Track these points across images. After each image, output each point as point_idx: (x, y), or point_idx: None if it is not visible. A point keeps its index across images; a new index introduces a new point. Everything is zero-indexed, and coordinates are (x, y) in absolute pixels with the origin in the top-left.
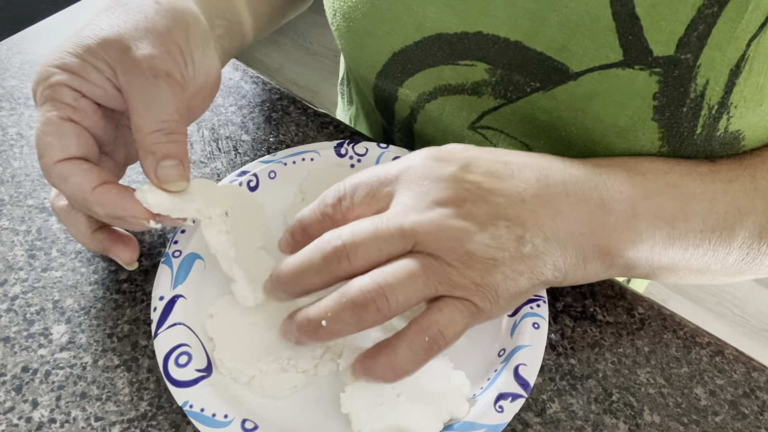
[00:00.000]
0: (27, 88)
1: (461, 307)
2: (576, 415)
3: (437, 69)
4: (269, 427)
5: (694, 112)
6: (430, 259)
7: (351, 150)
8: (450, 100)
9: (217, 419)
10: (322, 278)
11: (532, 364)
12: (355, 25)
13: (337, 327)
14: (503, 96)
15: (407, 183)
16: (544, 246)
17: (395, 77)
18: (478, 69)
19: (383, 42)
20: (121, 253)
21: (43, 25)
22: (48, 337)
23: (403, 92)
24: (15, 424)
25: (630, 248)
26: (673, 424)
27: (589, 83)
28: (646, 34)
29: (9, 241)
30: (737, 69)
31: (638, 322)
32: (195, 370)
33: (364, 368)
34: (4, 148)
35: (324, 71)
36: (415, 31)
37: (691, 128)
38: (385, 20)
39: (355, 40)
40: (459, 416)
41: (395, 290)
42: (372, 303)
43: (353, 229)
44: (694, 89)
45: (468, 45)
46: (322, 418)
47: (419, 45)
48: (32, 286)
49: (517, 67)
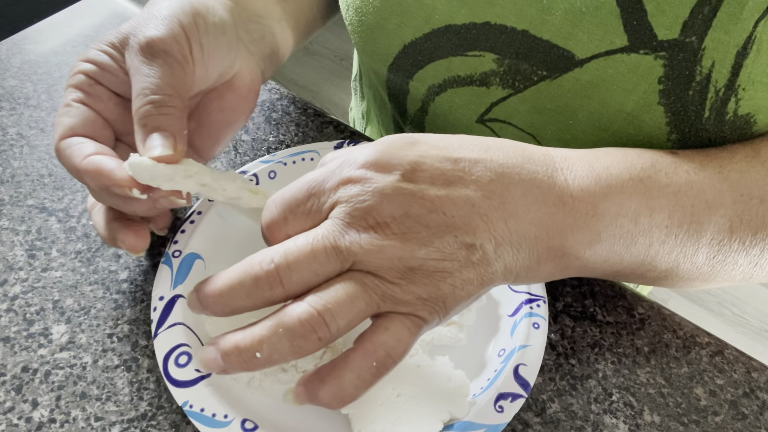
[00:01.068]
0: (27, 88)
1: (408, 323)
2: (576, 415)
3: (446, 60)
4: (269, 427)
5: (701, 95)
6: (371, 278)
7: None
8: (459, 92)
9: (217, 419)
10: (252, 302)
11: (532, 364)
12: (366, 18)
13: (274, 357)
14: (511, 86)
15: (346, 195)
16: (494, 252)
17: (406, 69)
18: (486, 59)
19: (394, 35)
20: (126, 238)
21: (43, 25)
22: (48, 337)
23: (414, 85)
24: (15, 424)
25: (587, 249)
26: (673, 424)
27: (595, 69)
28: (650, 18)
29: (9, 241)
30: (744, 50)
31: (638, 322)
32: (195, 370)
33: (308, 394)
34: (4, 148)
35: (324, 71)
36: (424, 23)
37: (699, 112)
38: (396, 13)
39: (367, 34)
40: (459, 416)
41: (336, 315)
42: (312, 333)
43: (286, 249)
44: (700, 72)
45: (476, 35)
46: (322, 418)
47: (429, 37)
48: (32, 286)
49: (524, 56)
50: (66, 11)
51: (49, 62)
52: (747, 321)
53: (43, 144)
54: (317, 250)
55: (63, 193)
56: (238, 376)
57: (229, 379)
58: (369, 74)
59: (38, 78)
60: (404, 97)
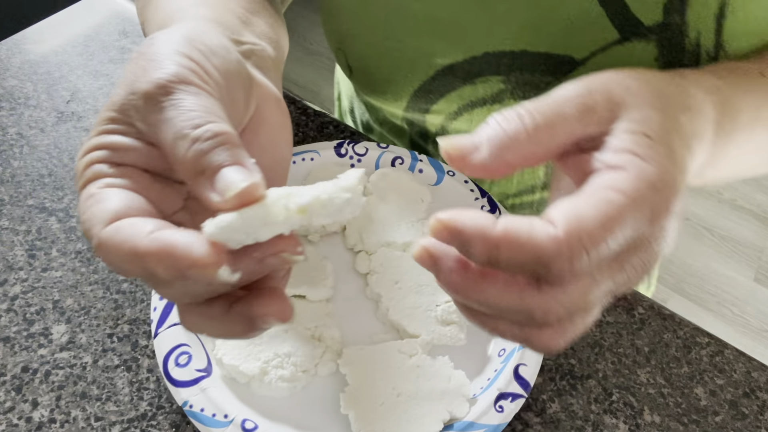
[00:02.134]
0: (27, 88)
1: None
2: (576, 415)
3: (457, 92)
4: (269, 427)
5: (695, 61)
6: None
7: (351, 150)
8: (476, 113)
9: (216, 419)
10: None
11: (532, 364)
12: (373, 75)
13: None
14: (522, 97)
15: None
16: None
17: (420, 107)
18: (494, 81)
19: (403, 84)
20: (268, 307)
21: (43, 25)
22: (48, 337)
23: (430, 117)
24: (15, 424)
25: None
26: (673, 424)
27: (596, 65)
28: (633, 10)
29: (9, 241)
30: (722, 14)
31: (638, 322)
32: (195, 370)
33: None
34: (4, 148)
35: (324, 71)
36: (429, 67)
37: None
38: (400, 67)
39: (376, 87)
40: (459, 416)
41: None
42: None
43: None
44: (689, 43)
45: (480, 65)
46: (322, 418)
47: (435, 78)
48: (32, 286)
49: (528, 69)
50: (66, 11)
51: (49, 62)
52: (747, 321)
53: (43, 144)
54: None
55: (63, 193)
56: (238, 375)
57: (229, 379)
58: (376, 111)
59: (38, 78)
60: (422, 124)
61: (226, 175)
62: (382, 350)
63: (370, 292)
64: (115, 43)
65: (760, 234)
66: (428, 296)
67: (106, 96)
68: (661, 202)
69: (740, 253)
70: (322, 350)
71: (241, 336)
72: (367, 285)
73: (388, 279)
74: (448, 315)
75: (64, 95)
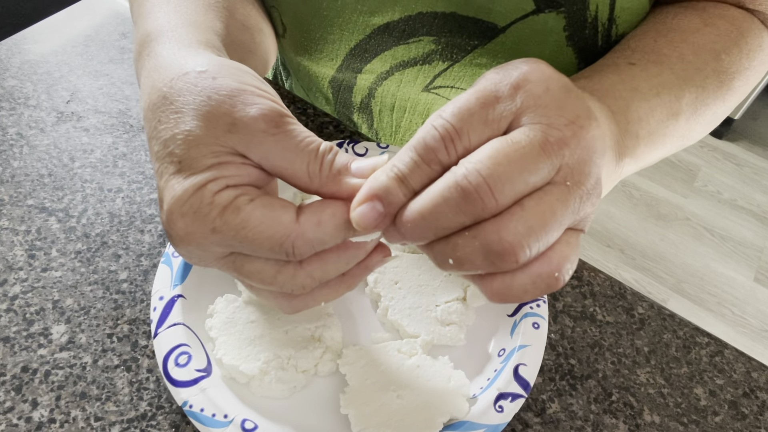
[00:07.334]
0: (27, 88)
1: (578, 239)
2: (576, 415)
3: (391, 51)
4: (269, 427)
5: (594, 30)
6: (576, 190)
7: (351, 150)
8: (405, 73)
9: (216, 419)
10: (460, 221)
11: (532, 364)
12: (309, 35)
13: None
14: (450, 58)
15: (530, 97)
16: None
17: (354, 67)
18: (425, 42)
19: (339, 42)
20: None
21: (43, 25)
22: (48, 337)
23: (362, 77)
24: (15, 424)
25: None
26: (673, 424)
27: (515, 32)
28: None
29: (9, 241)
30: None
31: (638, 322)
32: (195, 370)
33: (479, 281)
34: (4, 148)
35: None
36: (365, 26)
37: (595, 43)
38: (337, 25)
39: (312, 47)
40: (459, 416)
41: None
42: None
43: (491, 158)
44: (590, 15)
45: (413, 25)
46: (322, 418)
47: (371, 37)
48: (32, 286)
49: (457, 32)
50: (66, 11)
51: (49, 62)
52: (747, 321)
53: (43, 144)
54: (526, 155)
55: (63, 193)
56: (238, 376)
57: (229, 379)
58: (305, 78)
59: (38, 78)
60: (350, 91)
61: (358, 162)
62: (382, 350)
63: (370, 292)
64: (115, 43)
65: (760, 234)
66: (428, 296)
67: (106, 96)
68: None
69: (740, 253)
70: (322, 350)
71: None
72: (367, 285)
73: (387, 279)
74: (448, 315)
75: (64, 95)
